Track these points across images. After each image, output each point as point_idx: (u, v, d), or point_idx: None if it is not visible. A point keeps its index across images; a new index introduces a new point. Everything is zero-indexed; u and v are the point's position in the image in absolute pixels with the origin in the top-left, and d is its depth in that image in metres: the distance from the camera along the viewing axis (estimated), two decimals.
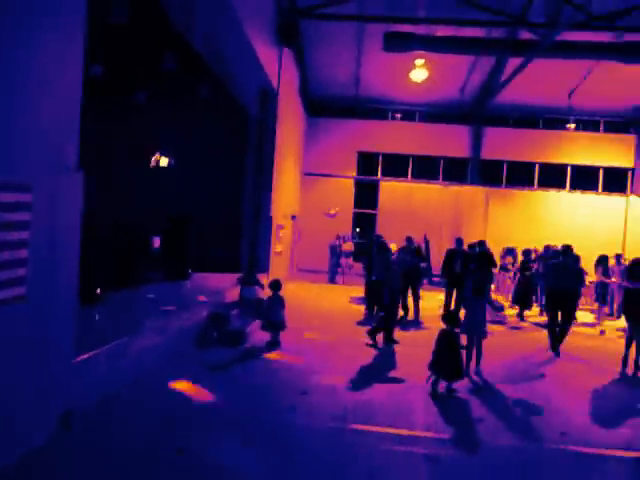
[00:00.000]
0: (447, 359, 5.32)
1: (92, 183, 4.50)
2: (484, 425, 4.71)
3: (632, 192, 18.50)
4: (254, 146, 12.08)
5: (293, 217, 16.75)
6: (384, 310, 7.51)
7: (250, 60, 10.14)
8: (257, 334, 7.45)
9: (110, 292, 7.02)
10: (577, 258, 8.38)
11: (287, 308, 7.27)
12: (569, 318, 7.68)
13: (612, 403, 5.76)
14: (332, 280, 15.52)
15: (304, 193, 18.97)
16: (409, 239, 9.03)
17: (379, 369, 6.40)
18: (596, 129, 18.92)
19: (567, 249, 7.89)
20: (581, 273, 7.87)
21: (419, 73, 14.74)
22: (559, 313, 7.57)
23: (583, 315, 11.10)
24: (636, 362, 6.76)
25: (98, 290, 6.71)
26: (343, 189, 19.23)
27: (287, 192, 15.29)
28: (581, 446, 4.31)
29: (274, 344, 7.01)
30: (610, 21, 10.02)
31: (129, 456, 3.56)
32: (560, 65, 14.71)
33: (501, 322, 10.25)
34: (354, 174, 19.31)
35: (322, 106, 19.21)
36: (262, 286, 8.61)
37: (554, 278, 7.71)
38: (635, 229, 18.15)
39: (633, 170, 18.52)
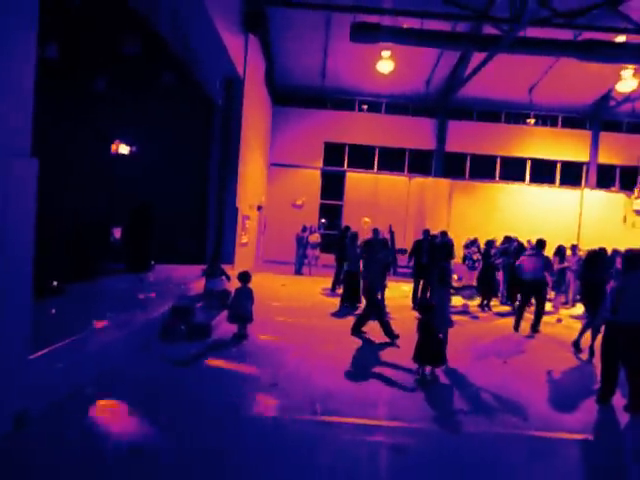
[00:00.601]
0: (429, 347, 5.66)
1: (49, 171, 4.28)
2: (450, 413, 4.82)
3: (586, 185, 19.27)
4: (219, 135, 11.86)
5: (259, 208, 16.59)
6: (370, 305, 7.56)
7: (215, 47, 9.90)
8: (223, 327, 7.35)
9: (68, 284, 6.76)
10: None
11: (255, 300, 7.21)
12: (542, 302, 8.69)
13: (568, 388, 6.00)
14: (299, 271, 15.48)
15: (270, 184, 18.81)
16: (375, 231, 9.11)
17: (348, 360, 6.42)
18: (555, 124, 19.55)
19: (541, 243, 8.86)
20: (550, 264, 8.89)
21: (385, 65, 14.79)
22: (531, 299, 8.79)
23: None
24: (591, 348, 7.07)
25: (55, 282, 6.45)
26: (310, 180, 19.17)
27: (253, 182, 15.10)
28: (542, 431, 4.47)
29: (241, 337, 6.95)
30: (570, 18, 10.29)
31: (83, 455, 3.45)
32: (522, 61, 15.09)
33: (464, 312, 10.52)
34: (321, 165, 19.27)
35: (289, 95, 19.03)
36: (228, 277, 8.47)
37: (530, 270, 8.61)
38: (588, 221, 18.96)
39: (588, 164, 19.28)
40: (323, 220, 19.39)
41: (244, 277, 7.23)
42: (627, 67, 14.49)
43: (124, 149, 10.19)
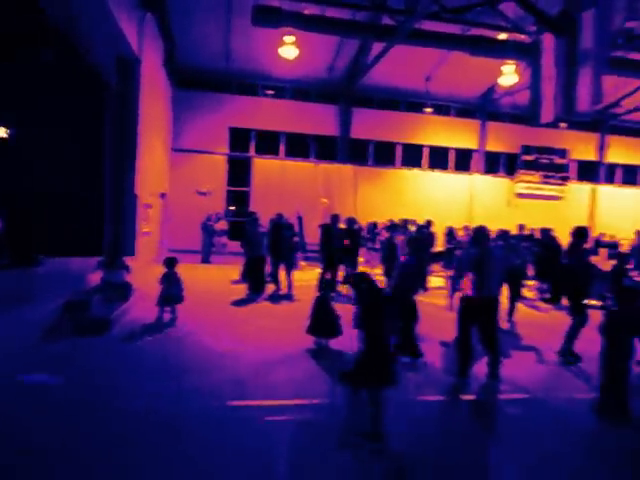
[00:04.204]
0: (324, 320, 6.16)
1: None
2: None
3: (476, 171, 20.96)
4: (114, 119, 11.12)
5: (162, 195, 15.90)
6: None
7: (106, 23, 9.22)
8: (126, 318, 7.04)
9: None
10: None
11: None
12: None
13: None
14: (206, 260, 15.15)
15: (174, 170, 18.06)
16: (279, 215, 9.28)
17: (252, 345, 6.47)
18: (448, 114, 20.91)
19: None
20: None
21: (289, 50, 14.76)
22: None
23: (436, 280, 12.41)
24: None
25: None
26: (215, 166, 18.72)
27: (154, 169, 14.41)
28: (430, 395, 4.89)
29: (172, 320, 7.25)
30: (456, 14, 11.04)
31: None
32: (419, 52, 15.88)
33: None
34: (226, 151, 18.88)
35: (192, 79, 18.30)
36: (127, 269, 8.09)
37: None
38: (478, 203, 20.69)
39: (477, 151, 20.95)
40: (232, 207, 19.09)
41: (170, 262, 7.42)
42: (508, 63, 15.84)
43: (2, 132, 9.20)
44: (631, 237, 15.08)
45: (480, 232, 5.53)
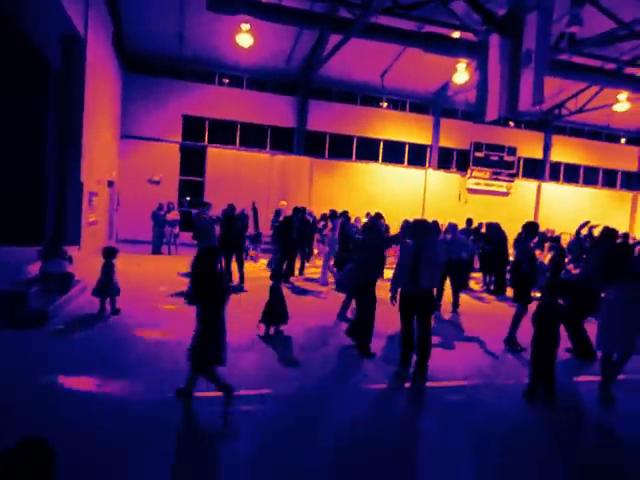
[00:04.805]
0: (275, 308, 6.45)
1: None
2: (293, 374, 5.13)
3: (429, 166, 21.44)
4: (58, 102, 10.60)
5: (111, 183, 15.35)
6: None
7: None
8: (65, 310, 6.78)
9: None
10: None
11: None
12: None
13: None
14: (156, 251, 14.77)
15: (124, 158, 17.45)
16: (231, 206, 9.20)
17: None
18: (404, 109, 21.24)
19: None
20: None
21: (245, 38, 14.50)
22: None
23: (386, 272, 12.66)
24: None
25: None
26: (168, 154, 18.22)
27: (102, 156, 13.87)
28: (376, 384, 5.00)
29: (115, 311, 7.12)
30: (408, 10, 11.19)
31: None
32: (375, 46, 15.99)
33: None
34: (179, 139, 18.40)
35: (144, 64, 17.67)
36: (69, 259, 7.77)
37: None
38: (431, 197, 21.19)
39: (431, 147, 21.42)
40: (188, 198, 18.67)
41: (108, 253, 7.24)
42: (461, 61, 16.24)
43: None
44: (571, 232, 15.89)
45: (418, 226, 5.52)
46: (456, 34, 14.79)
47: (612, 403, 4.94)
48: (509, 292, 10.56)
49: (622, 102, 17.48)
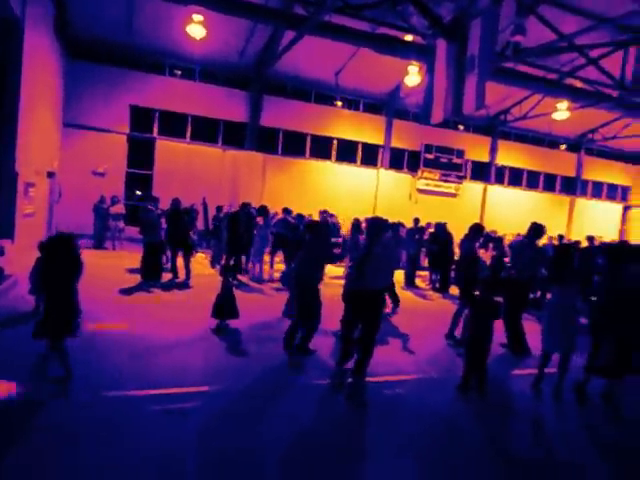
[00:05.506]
0: (226, 303, 6.48)
1: None
2: (236, 371, 5.08)
3: (382, 166, 21.79)
4: None
5: (51, 174, 14.61)
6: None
7: None
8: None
9: None
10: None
11: None
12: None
13: None
14: (99, 245, 14.19)
15: (67, 148, 16.64)
16: (177, 200, 8.98)
17: (146, 333, 6.21)
18: (357, 108, 21.45)
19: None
20: None
21: (197, 29, 14.17)
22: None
23: (337, 269, 12.79)
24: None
25: None
26: (114, 146, 17.52)
27: (41, 145, 13.17)
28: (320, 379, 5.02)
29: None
30: (358, 10, 11.31)
31: None
32: (330, 45, 16.02)
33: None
34: (127, 130, 17.74)
35: (89, 50, 16.88)
36: (1, 252, 7.34)
37: None
38: (383, 197, 21.55)
39: (383, 147, 21.77)
40: (138, 192, 18.07)
41: (44, 247, 6.69)
42: (413, 63, 16.57)
43: None
44: (514, 233, 16.62)
45: (371, 223, 5.33)
46: (409, 37, 15.09)
47: (561, 398, 5.17)
48: (453, 290, 10.90)
49: (562, 111, 18.41)
